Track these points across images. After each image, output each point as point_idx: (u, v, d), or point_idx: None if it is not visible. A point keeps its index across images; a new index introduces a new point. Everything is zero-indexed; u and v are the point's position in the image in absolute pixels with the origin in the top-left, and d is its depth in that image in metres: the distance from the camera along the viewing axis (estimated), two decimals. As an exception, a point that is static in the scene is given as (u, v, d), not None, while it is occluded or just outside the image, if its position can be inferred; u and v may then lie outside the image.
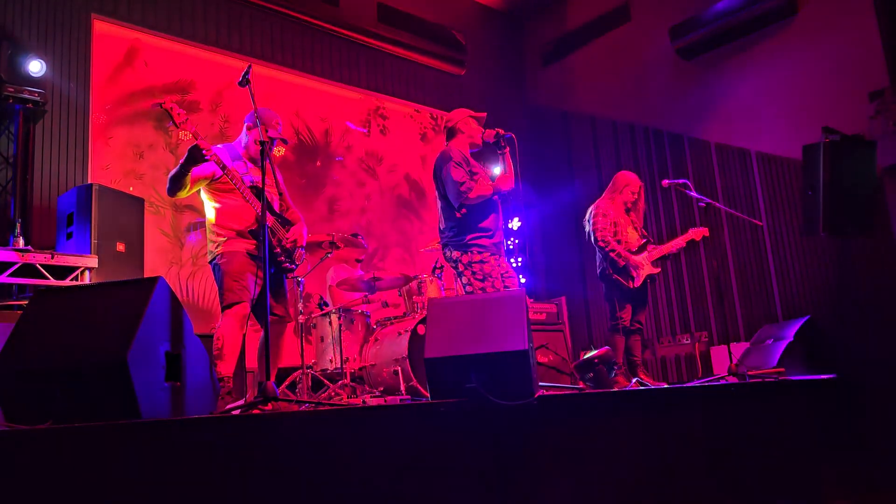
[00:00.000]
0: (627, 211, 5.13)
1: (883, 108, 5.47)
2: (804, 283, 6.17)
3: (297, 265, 3.85)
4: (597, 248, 5.03)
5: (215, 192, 3.69)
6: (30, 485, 1.67)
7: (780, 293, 6.35)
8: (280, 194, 3.99)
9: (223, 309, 3.59)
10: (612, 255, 4.91)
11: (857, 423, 5.15)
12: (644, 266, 4.96)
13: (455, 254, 4.13)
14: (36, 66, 5.01)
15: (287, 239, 3.76)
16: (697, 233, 5.17)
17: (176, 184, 3.56)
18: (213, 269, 3.68)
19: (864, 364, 5.31)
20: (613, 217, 5.03)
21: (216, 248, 3.66)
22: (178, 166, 3.50)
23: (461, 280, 4.16)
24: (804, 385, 4.23)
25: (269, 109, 3.94)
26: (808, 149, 5.02)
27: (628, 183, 5.15)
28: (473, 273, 4.06)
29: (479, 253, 4.06)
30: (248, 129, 3.80)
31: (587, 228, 5.14)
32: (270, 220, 3.69)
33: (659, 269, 5.07)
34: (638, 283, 4.92)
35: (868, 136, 5.38)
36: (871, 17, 5.73)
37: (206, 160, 3.42)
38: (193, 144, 3.38)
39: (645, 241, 5.08)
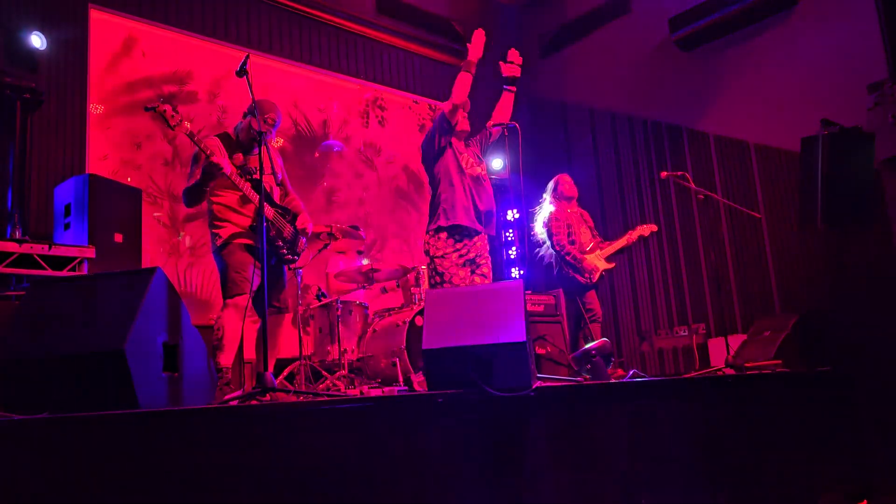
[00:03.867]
0: (570, 206, 5.45)
1: (882, 100, 5.45)
2: (802, 276, 6.18)
3: (298, 255, 3.85)
4: (552, 252, 5.32)
5: (216, 186, 3.70)
6: (26, 475, 1.67)
7: (777, 285, 6.36)
8: (280, 184, 3.99)
9: (224, 300, 3.61)
10: (567, 258, 5.21)
11: (852, 416, 5.16)
12: (598, 264, 5.25)
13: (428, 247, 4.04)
14: (37, 41, 4.94)
15: (289, 230, 3.77)
16: (646, 229, 5.47)
17: (194, 198, 3.67)
18: (216, 260, 3.70)
19: (861, 357, 5.32)
20: (565, 220, 5.32)
21: (219, 240, 3.67)
22: (194, 183, 3.57)
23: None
24: (800, 378, 4.25)
25: (269, 101, 3.93)
26: (806, 141, 5.01)
27: (563, 182, 5.49)
28: (435, 268, 3.96)
29: (444, 246, 3.95)
30: (244, 115, 3.81)
31: (539, 233, 5.44)
32: (270, 212, 3.71)
33: (613, 265, 5.40)
34: (594, 279, 5.22)
35: (867, 129, 5.36)
36: (870, 8, 5.71)
37: (222, 175, 3.48)
38: (209, 163, 3.42)
39: (594, 243, 5.40)
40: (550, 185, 5.53)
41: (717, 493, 3.30)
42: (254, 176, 3.63)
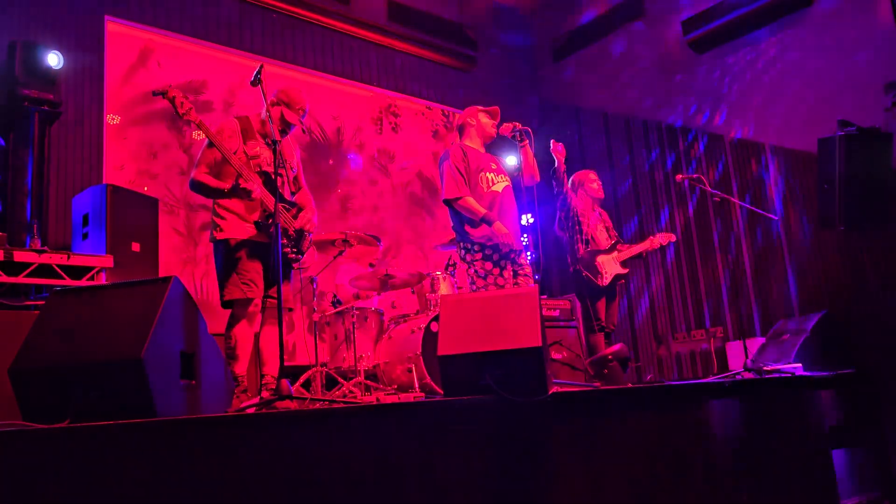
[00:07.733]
0: (594, 206, 5.34)
1: (899, 99, 5.40)
2: (820, 278, 6.11)
3: (302, 254, 3.77)
4: (567, 247, 5.22)
5: (226, 174, 3.58)
6: (47, 483, 1.68)
7: (796, 288, 6.30)
8: (295, 178, 3.95)
9: (223, 305, 3.58)
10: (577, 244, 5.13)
11: (875, 418, 5.09)
12: (611, 265, 5.12)
13: (462, 251, 4.21)
14: (54, 60, 5.01)
15: (292, 226, 3.68)
16: (665, 237, 5.35)
17: (204, 195, 3.63)
18: (215, 250, 3.66)
19: (882, 359, 5.25)
20: (581, 213, 5.22)
21: (219, 231, 3.63)
22: (217, 190, 3.51)
23: (468, 277, 4.24)
24: (821, 380, 4.20)
25: (300, 91, 3.82)
26: (823, 142, 4.97)
27: (587, 176, 5.39)
28: (476, 271, 4.11)
29: (480, 251, 4.15)
30: (272, 104, 3.67)
31: (558, 229, 5.34)
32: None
33: (628, 270, 5.23)
34: (606, 281, 5.06)
35: (884, 129, 5.31)
36: (886, 7, 5.66)
37: (249, 198, 3.45)
38: (241, 189, 3.41)
39: (614, 241, 5.26)
40: (570, 181, 5.34)
41: (738, 496, 3.26)
42: (267, 170, 3.59)
